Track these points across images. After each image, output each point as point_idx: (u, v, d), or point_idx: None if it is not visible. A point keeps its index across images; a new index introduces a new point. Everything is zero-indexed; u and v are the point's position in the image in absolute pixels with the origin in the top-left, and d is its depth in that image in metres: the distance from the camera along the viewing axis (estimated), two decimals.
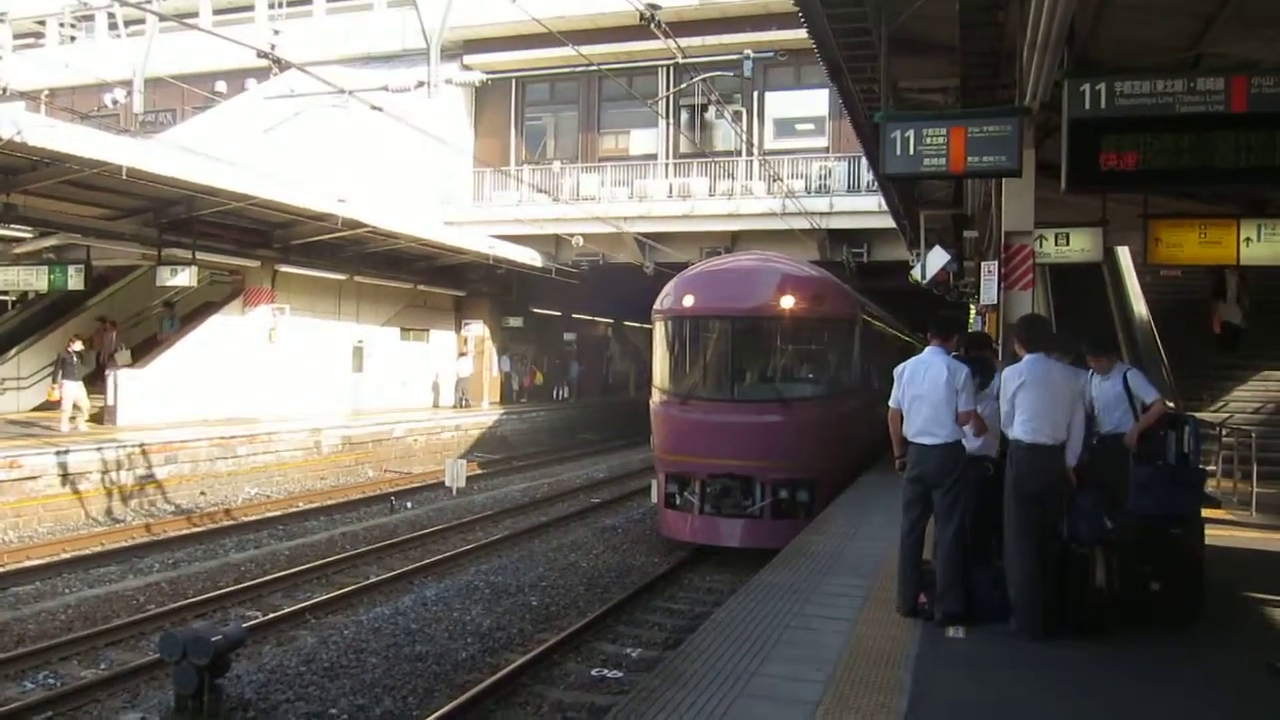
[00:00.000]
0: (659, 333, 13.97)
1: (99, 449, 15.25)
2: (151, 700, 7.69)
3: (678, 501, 13.11)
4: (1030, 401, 6.28)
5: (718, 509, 12.75)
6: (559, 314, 34.18)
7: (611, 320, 39.89)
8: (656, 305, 13.93)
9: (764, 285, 13.24)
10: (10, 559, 12.25)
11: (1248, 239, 10.91)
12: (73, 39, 36.67)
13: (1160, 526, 6.59)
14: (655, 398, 13.82)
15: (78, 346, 18.21)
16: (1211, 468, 12.11)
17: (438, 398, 28.65)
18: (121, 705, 7.66)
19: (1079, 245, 11.90)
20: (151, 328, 24.23)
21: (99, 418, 18.65)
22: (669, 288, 13.86)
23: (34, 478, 14.09)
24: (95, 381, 20.45)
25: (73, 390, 17.51)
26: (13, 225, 17.50)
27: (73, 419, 17.43)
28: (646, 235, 25.72)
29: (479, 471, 21.43)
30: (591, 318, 37.70)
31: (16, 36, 36.62)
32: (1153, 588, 6.55)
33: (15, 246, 19.32)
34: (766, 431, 12.72)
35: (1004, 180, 9.60)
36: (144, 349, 22.23)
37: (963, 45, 9.02)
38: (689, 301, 13.27)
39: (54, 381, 18.34)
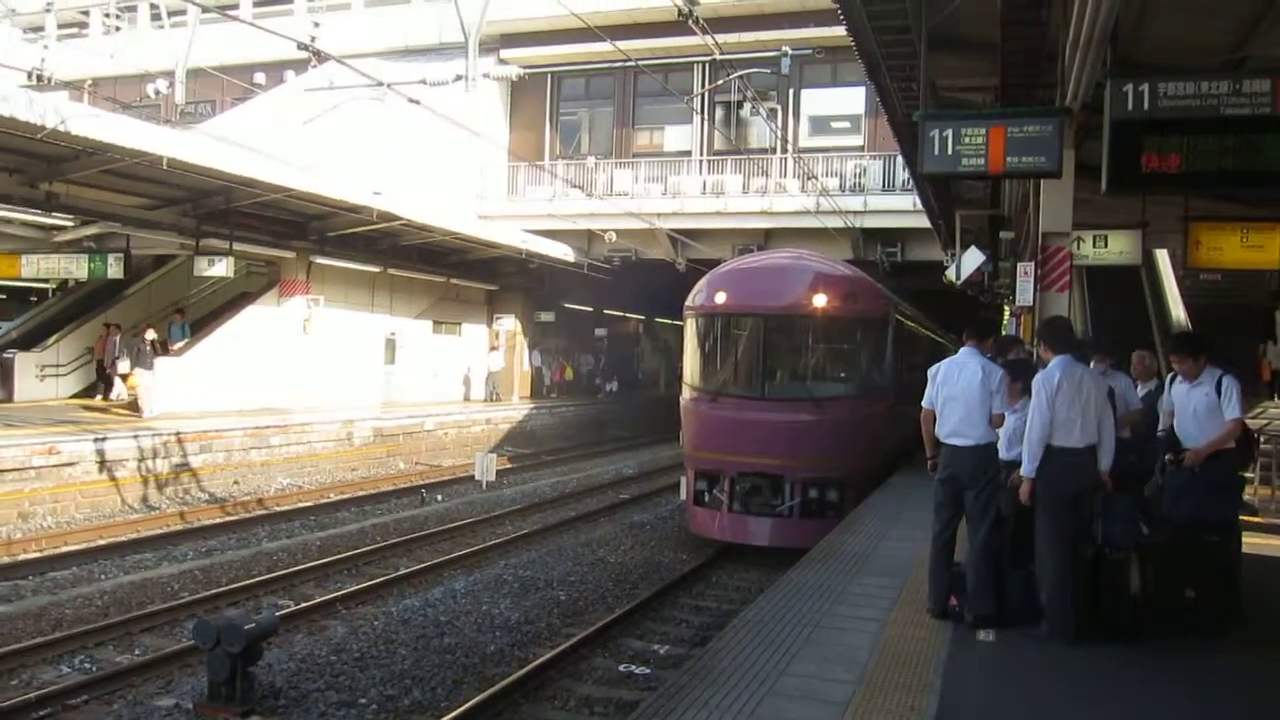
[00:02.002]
0: (690, 329, 13.94)
1: (135, 437, 15.44)
2: (185, 686, 7.78)
3: (707, 499, 13.08)
4: (1061, 405, 6.21)
5: (746, 507, 12.72)
6: (590, 309, 34.23)
7: (642, 316, 39.89)
8: (689, 301, 13.90)
9: (797, 283, 13.18)
10: (49, 544, 12.45)
11: None
12: (117, 29, 37.09)
13: (1197, 533, 6.51)
14: (686, 394, 13.80)
15: (151, 335, 18.53)
16: (1249, 474, 11.93)
17: (468, 391, 28.77)
18: (156, 690, 7.77)
19: (1117, 247, 11.75)
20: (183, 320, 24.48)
21: (134, 406, 18.91)
22: (701, 284, 13.82)
23: (71, 464, 14.29)
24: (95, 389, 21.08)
25: (146, 379, 18.10)
26: (54, 214, 17.77)
27: (130, 405, 18.11)
28: (679, 231, 25.69)
29: (508, 465, 21.52)
30: (623, 313, 37.71)
31: (61, 26, 37.11)
32: (1188, 595, 6.47)
33: (56, 235, 19.60)
34: (797, 430, 12.66)
35: (1042, 181, 9.51)
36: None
37: (1003, 44, 8.94)
38: (721, 298, 13.23)
39: (130, 368, 18.68)
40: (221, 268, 19.66)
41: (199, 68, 23.85)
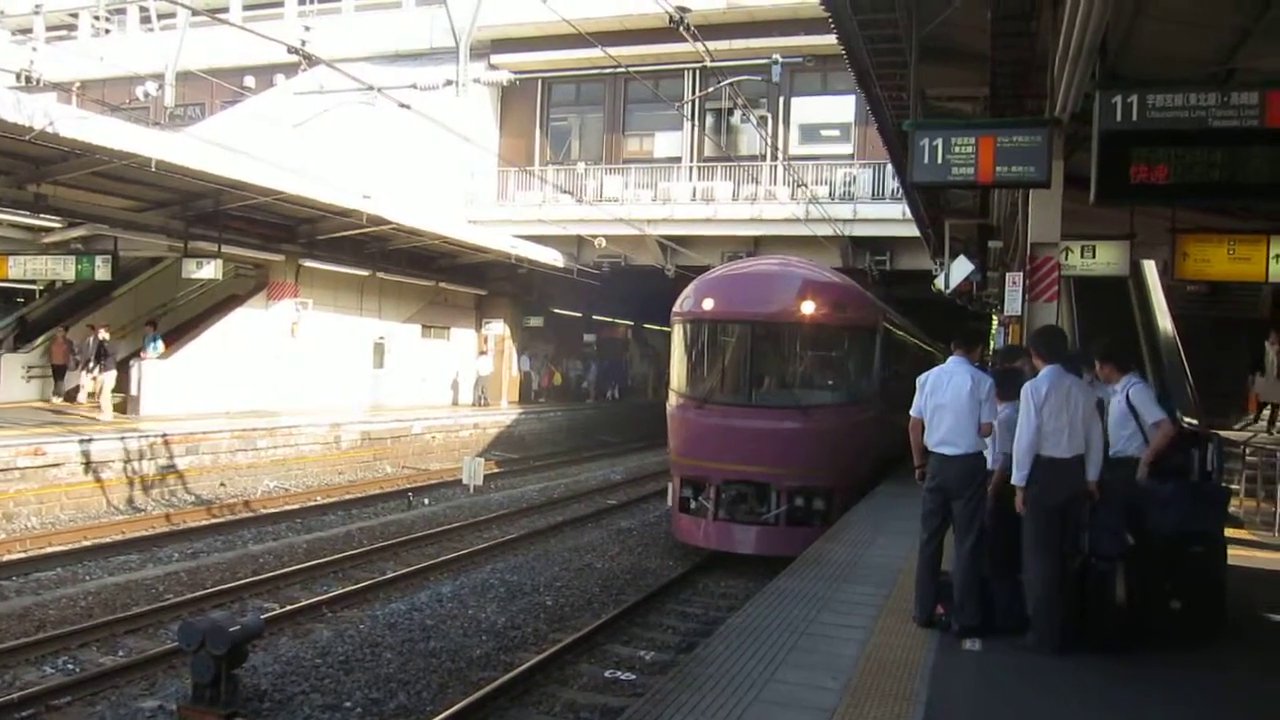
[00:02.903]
0: (677, 335, 13.87)
1: (121, 438, 15.38)
2: (169, 688, 7.75)
3: (692, 506, 13.01)
4: (1049, 415, 6.22)
5: (732, 515, 12.64)
6: (579, 315, 34.22)
7: (631, 323, 39.92)
8: (676, 307, 13.83)
9: (785, 290, 13.11)
10: (33, 545, 12.37)
11: (1277, 255, 10.79)
12: (107, 31, 36.99)
13: (1182, 544, 6.52)
14: (672, 400, 13.71)
15: (104, 335, 18.26)
16: (1235, 486, 11.99)
17: (457, 395, 28.75)
18: (139, 693, 7.73)
19: (1105, 258, 11.81)
20: (173, 320, 24.38)
21: (121, 407, 18.83)
22: (689, 290, 13.74)
23: (57, 465, 14.21)
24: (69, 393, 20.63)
25: (110, 380, 17.81)
26: (42, 215, 17.71)
27: (117, 406, 17.80)
28: (668, 238, 25.71)
29: (496, 470, 21.48)
30: (611, 319, 37.71)
31: (49, 28, 36.98)
32: (1173, 606, 6.48)
33: (44, 236, 19.54)
34: (783, 437, 12.59)
35: (1031, 191, 9.55)
36: (165, 341, 22.33)
37: (993, 54, 8.98)
38: (709, 304, 13.16)
39: (90, 371, 18.36)
40: (210, 270, 19.61)
41: (188, 71, 23.83)
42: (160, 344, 20.58)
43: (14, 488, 13.61)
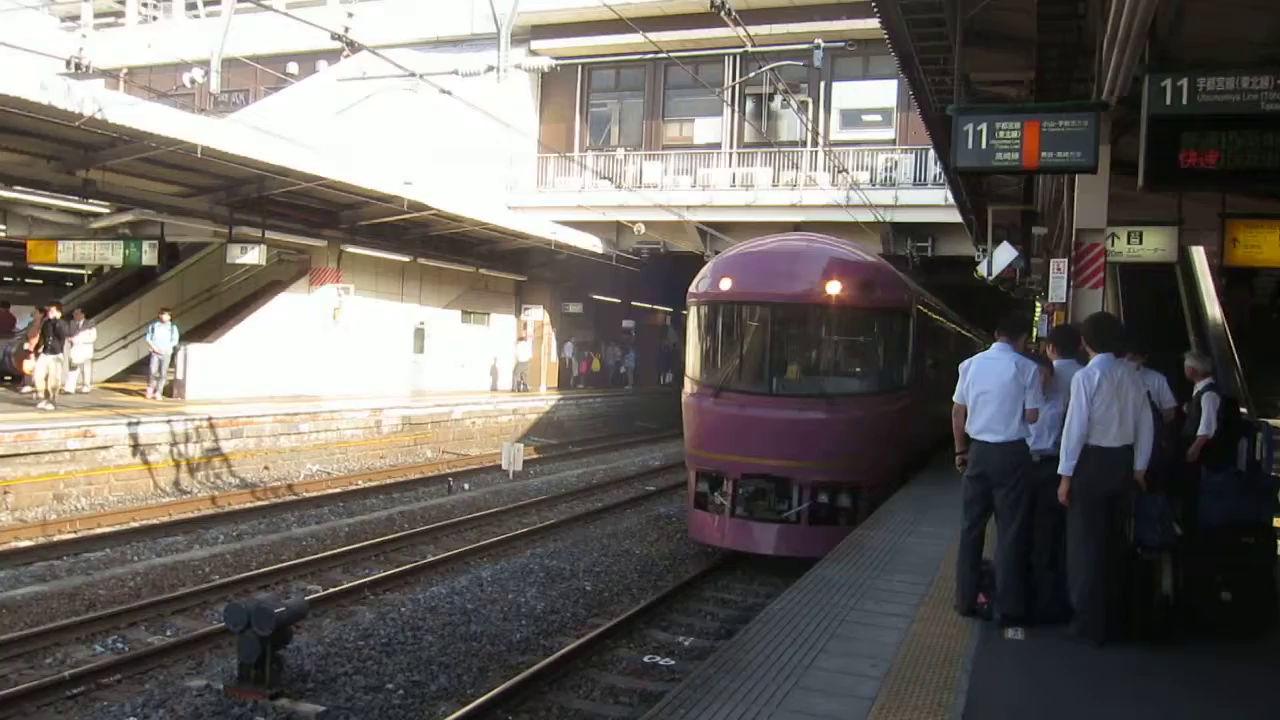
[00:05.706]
0: (693, 318, 12.87)
1: (168, 422, 15.62)
2: (215, 668, 7.88)
3: (709, 502, 12.23)
4: (1099, 404, 6.14)
5: (751, 512, 11.70)
6: (618, 301, 34.24)
7: (670, 309, 39.86)
8: (692, 288, 12.93)
9: (810, 269, 12.05)
10: (82, 525, 12.63)
11: None
12: (154, 18, 37.45)
13: (1231, 535, 6.43)
14: (687, 388, 12.85)
15: (55, 314, 17.26)
16: None
17: (496, 381, 28.90)
18: (187, 671, 7.87)
19: (1152, 244, 11.61)
20: (218, 305, 24.72)
21: (169, 391, 19.10)
22: (706, 269, 12.78)
23: (106, 447, 14.47)
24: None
25: (55, 363, 16.66)
26: (91, 200, 17.98)
27: (48, 394, 16.43)
28: (708, 224, 25.62)
29: (535, 456, 21.60)
30: (651, 306, 37.70)
31: (97, 15, 37.51)
32: (1224, 597, 6.39)
33: (92, 221, 19.84)
34: (807, 429, 11.75)
35: (1077, 176, 9.41)
36: (210, 326, 22.71)
37: (1039, 38, 8.86)
38: (727, 285, 12.13)
39: (35, 353, 16.68)
40: (253, 256, 19.83)
41: (233, 57, 24.04)
42: (175, 333, 19.54)
43: (64, 469, 13.89)
